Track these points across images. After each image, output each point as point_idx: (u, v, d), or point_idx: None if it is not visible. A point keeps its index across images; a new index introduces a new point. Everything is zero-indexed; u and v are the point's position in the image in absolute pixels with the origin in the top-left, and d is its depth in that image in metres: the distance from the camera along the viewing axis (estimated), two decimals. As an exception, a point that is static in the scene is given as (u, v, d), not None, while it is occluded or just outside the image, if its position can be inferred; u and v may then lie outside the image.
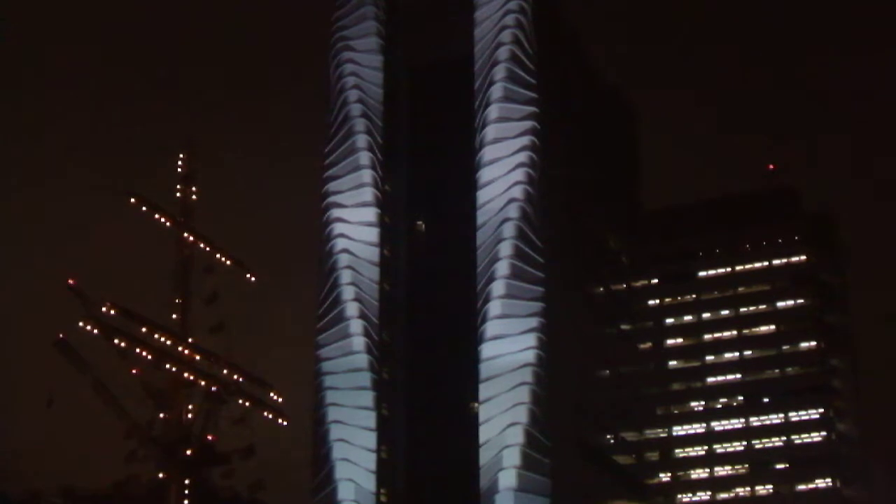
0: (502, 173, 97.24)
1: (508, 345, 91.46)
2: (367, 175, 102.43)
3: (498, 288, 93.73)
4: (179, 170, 52.32)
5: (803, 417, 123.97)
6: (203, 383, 48.27)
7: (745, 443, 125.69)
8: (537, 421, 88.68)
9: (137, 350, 46.23)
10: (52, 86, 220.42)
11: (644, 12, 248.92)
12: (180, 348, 48.31)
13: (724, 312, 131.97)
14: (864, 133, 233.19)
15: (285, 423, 51.54)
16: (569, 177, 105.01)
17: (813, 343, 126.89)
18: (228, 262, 51.88)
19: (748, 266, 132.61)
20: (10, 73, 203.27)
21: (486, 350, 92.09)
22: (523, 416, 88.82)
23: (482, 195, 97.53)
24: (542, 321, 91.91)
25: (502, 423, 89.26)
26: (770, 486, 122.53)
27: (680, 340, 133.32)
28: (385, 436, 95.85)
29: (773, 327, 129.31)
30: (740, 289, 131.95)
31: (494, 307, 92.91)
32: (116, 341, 45.50)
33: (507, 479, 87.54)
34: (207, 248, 51.12)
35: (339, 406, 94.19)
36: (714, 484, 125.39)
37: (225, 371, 49.40)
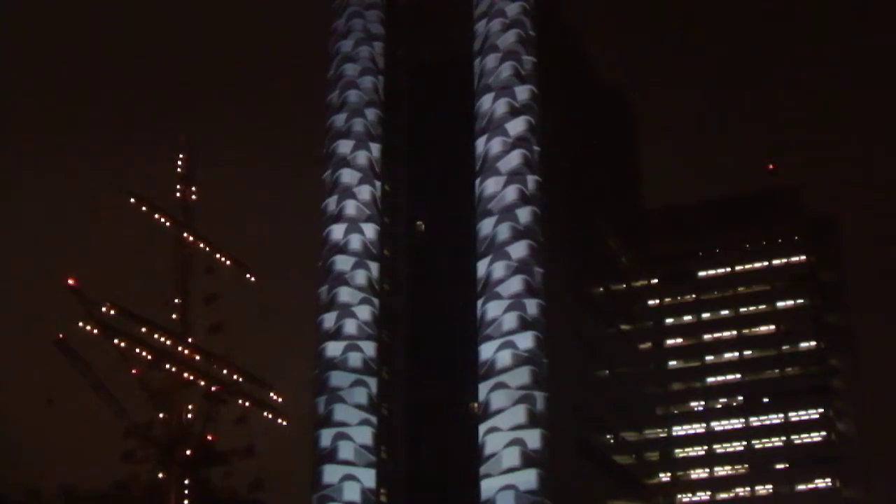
0: (502, 173, 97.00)
1: (508, 344, 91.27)
2: (366, 175, 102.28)
3: (497, 288, 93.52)
4: (179, 170, 52.47)
5: (803, 417, 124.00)
6: (203, 383, 48.44)
7: (745, 443, 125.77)
8: (537, 421, 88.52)
9: (137, 350, 46.36)
10: (52, 85, 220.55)
11: (644, 12, 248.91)
12: (180, 348, 48.45)
13: (724, 312, 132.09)
14: (864, 132, 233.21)
15: (285, 423, 51.62)
16: (569, 177, 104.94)
17: (813, 343, 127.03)
18: (228, 262, 52.03)
19: (748, 266, 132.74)
20: (10, 72, 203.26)
21: (486, 350, 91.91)
22: (523, 416, 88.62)
23: (482, 195, 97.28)
24: (541, 321, 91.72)
25: (502, 423, 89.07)
26: (770, 486, 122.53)
27: (680, 340, 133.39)
28: (385, 436, 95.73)
29: (772, 327, 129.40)
30: (740, 289, 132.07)
31: (494, 307, 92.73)
32: (116, 341, 45.64)
33: (507, 479, 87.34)
34: (207, 248, 51.27)
35: (339, 406, 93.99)
36: (714, 484, 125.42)
37: (225, 371, 49.55)
